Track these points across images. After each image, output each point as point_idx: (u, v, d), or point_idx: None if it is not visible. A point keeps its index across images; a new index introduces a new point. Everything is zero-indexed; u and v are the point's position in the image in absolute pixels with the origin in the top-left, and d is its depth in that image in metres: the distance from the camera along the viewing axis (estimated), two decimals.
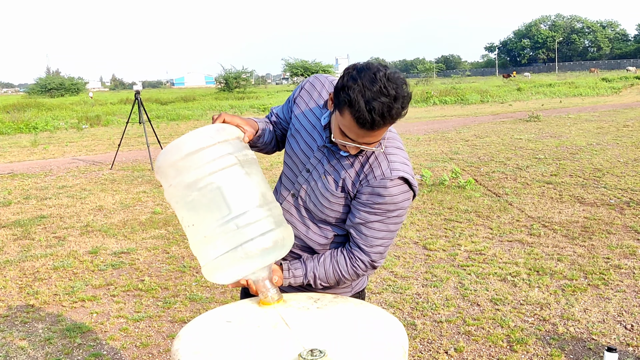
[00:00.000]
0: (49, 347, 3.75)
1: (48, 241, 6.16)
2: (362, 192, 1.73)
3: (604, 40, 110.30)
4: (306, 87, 1.87)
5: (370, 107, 1.51)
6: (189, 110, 26.88)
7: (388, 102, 1.51)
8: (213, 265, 1.62)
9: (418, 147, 12.41)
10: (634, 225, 5.93)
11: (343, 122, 1.59)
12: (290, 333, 1.51)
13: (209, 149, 1.59)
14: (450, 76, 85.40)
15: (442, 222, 6.40)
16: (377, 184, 1.70)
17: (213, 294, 4.56)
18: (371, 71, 1.54)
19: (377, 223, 1.74)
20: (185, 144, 1.60)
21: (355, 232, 1.77)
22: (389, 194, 1.70)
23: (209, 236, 1.60)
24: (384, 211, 1.72)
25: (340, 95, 1.57)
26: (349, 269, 1.80)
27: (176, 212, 1.71)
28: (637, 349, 3.47)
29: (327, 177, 1.77)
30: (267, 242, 1.61)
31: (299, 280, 1.81)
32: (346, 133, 1.61)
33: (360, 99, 1.51)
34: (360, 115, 1.53)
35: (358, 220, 1.75)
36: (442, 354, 3.50)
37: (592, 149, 11.13)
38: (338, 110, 1.60)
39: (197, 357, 1.40)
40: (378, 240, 1.76)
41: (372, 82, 1.52)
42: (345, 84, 1.55)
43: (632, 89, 32.75)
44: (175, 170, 1.61)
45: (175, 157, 1.60)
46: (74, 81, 56.85)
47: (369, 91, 1.51)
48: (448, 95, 30.31)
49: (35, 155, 13.60)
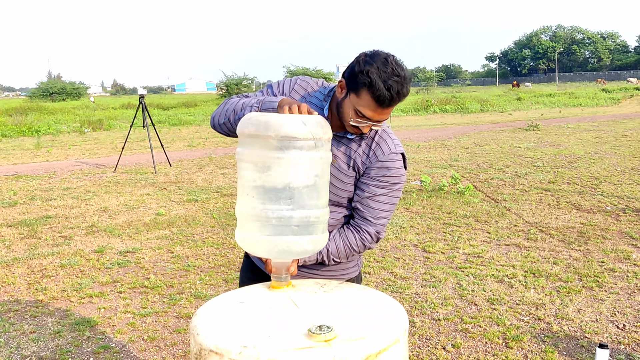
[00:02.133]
0: (59, 339, 3.87)
1: (54, 240, 6.28)
2: (372, 167, 1.95)
3: (605, 51, 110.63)
4: (296, 88, 2.03)
5: (388, 86, 1.74)
6: (191, 115, 27.04)
7: (400, 81, 1.76)
8: (251, 239, 1.73)
9: (418, 154, 12.55)
10: (629, 231, 6.05)
11: (361, 102, 1.80)
12: (300, 312, 1.63)
13: (303, 142, 1.65)
14: (451, 85, 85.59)
15: (441, 226, 6.52)
16: (385, 159, 1.94)
17: (218, 291, 4.68)
18: (382, 56, 1.78)
19: (383, 196, 1.97)
20: (285, 126, 1.63)
21: (363, 206, 1.98)
22: (394, 167, 1.95)
23: (262, 216, 1.67)
24: (390, 184, 1.96)
25: (358, 78, 1.77)
26: (358, 241, 2.00)
27: (239, 173, 1.74)
28: (628, 346, 3.59)
29: (338, 160, 1.96)
30: (309, 245, 1.74)
31: (313, 257, 1.97)
32: (363, 112, 1.81)
33: (377, 79, 1.74)
34: (380, 94, 1.75)
35: (367, 194, 1.96)
36: (440, 349, 3.62)
37: (590, 158, 11.27)
38: (354, 93, 1.80)
39: (214, 331, 1.52)
40: (383, 212, 1.99)
41: (385, 65, 1.76)
42: (362, 69, 1.77)
43: (632, 100, 32.93)
44: (262, 142, 1.65)
45: (270, 132, 1.63)
46: (75, 86, 56.86)
47: (384, 73, 1.74)
48: (448, 103, 30.50)
49: (38, 157, 13.73)
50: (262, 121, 1.66)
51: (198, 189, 9.06)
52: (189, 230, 6.57)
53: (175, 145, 15.68)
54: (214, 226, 6.74)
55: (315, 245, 1.77)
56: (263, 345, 1.42)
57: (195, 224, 6.87)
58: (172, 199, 8.37)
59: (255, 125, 1.67)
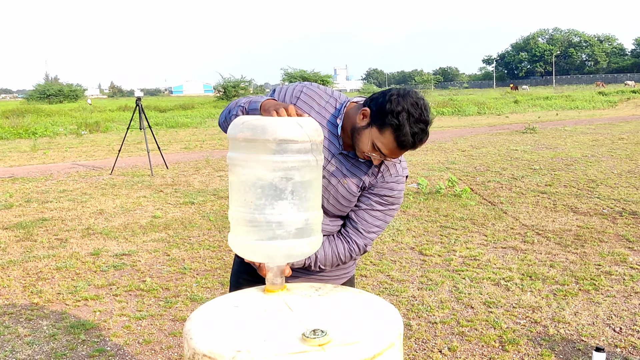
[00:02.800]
0: (54, 342, 3.85)
1: (50, 243, 6.26)
2: (376, 186, 1.97)
3: (601, 54, 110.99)
4: (302, 97, 1.96)
5: (413, 132, 1.73)
6: (188, 117, 27.03)
7: (426, 129, 1.75)
8: (246, 244, 1.72)
9: (415, 156, 12.55)
10: (626, 234, 6.06)
11: (382, 140, 1.78)
12: (294, 316, 1.62)
13: (301, 145, 1.64)
14: (448, 88, 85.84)
15: (438, 228, 6.52)
16: (391, 180, 1.98)
17: (214, 294, 4.66)
18: (412, 99, 1.74)
19: (379, 212, 1.99)
20: (282, 130, 1.62)
21: (357, 217, 1.99)
22: (397, 189, 1.99)
23: (256, 220, 1.66)
24: (389, 203, 1.99)
25: (387, 118, 1.74)
26: (346, 252, 2.00)
27: (232, 178, 1.73)
28: (624, 350, 3.58)
29: (348, 180, 1.96)
30: (306, 247, 1.74)
31: (301, 261, 1.97)
32: (381, 149, 1.80)
33: (406, 124, 1.72)
34: (405, 139, 1.74)
35: (365, 207, 1.98)
36: (436, 352, 3.61)
37: (586, 161, 11.29)
38: (377, 128, 1.78)
39: (207, 335, 1.51)
40: (375, 228, 2.00)
41: (415, 108, 1.73)
42: (393, 109, 1.73)
43: (629, 103, 33.02)
44: (258, 146, 1.63)
45: (268, 136, 1.61)
46: (72, 88, 56.81)
47: (412, 117, 1.72)
48: (445, 106, 30.52)
49: (35, 160, 13.70)
50: (258, 125, 1.64)
51: (195, 192, 9.05)
52: (186, 233, 6.56)
53: (172, 148, 15.67)
54: (211, 229, 6.72)
55: (313, 247, 1.77)
56: (257, 349, 1.41)
57: (192, 226, 6.86)
58: (168, 201, 8.36)
59: (251, 129, 1.64)
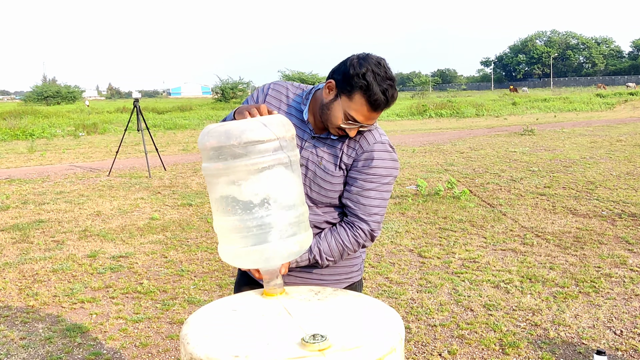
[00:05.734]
0: (50, 346, 3.81)
1: (47, 245, 6.22)
2: (358, 160, 1.90)
3: (599, 56, 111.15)
4: (271, 93, 2.00)
5: (383, 89, 1.72)
6: (186, 119, 26.98)
7: (394, 85, 1.74)
8: (236, 253, 1.68)
9: (414, 158, 12.52)
10: (625, 236, 6.03)
11: (353, 106, 1.76)
12: (293, 321, 1.59)
13: (268, 144, 1.59)
14: (446, 90, 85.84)
15: (437, 231, 6.49)
16: (370, 149, 1.89)
17: (211, 297, 4.63)
18: (374, 59, 1.75)
19: (372, 191, 1.91)
20: (246, 132, 1.57)
21: (353, 203, 1.92)
22: (380, 157, 1.90)
23: (242, 227, 1.62)
24: (378, 177, 1.90)
25: (353, 81, 1.74)
26: (351, 238, 1.93)
27: (210, 189, 1.69)
28: (626, 353, 3.55)
29: (324, 162, 1.92)
30: (295, 246, 1.69)
31: (305, 257, 1.91)
32: (354, 116, 1.78)
33: (374, 83, 1.72)
34: (377, 98, 1.73)
35: (355, 189, 1.91)
36: (436, 356, 3.58)
37: (585, 163, 11.27)
38: (347, 96, 1.77)
39: (205, 340, 1.48)
40: (375, 209, 1.92)
41: (379, 67, 1.73)
42: (358, 71, 1.73)
43: (626, 105, 33.04)
44: (226, 152, 1.58)
45: (232, 141, 1.57)
46: (70, 89, 56.71)
47: (379, 76, 1.72)
48: (444, 108, 30.52)
49: (32, 161, 13.66)
50: (222, 131, 1.60)
51: (192, 193, 9.01)
52: (183, 235, 6.52)
53: (170, 149, 15.63)
54: (208, 231, 6.68)
55: (301, 246, 1.73)
56: (255, 355, 1.37)
57: (190, 228, 6.82)
58: (166, 203, 8.32)
59: (215, 136, 1.60)
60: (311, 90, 1.97)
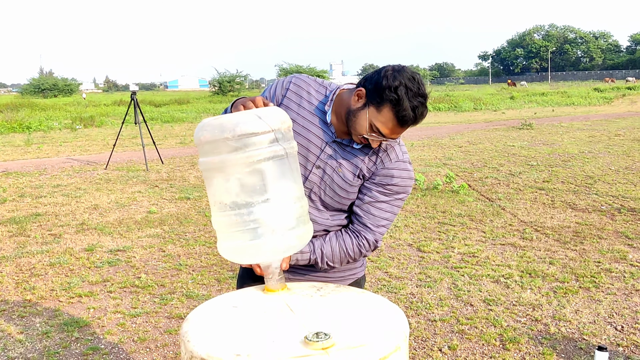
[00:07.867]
0: (47, 340, 3.78)
1: (44, 238, 6.18)
2: (377, 174, 1.87)
3: (597, 50, 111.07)
4: (292, 88, 1.92)
5: (413, 106, 1.67)
6: (183, 112, 26.87)
7: (424, 102, 1.68)
8: (234, 248, 1.65)
9: (412, 152, 12.49)
10: (625, 231, 6.02)
11: (380, 118, 1.72)
12: (295, 318, 1.56)
13: (262, 136, 1.56)
14: (444, 84, 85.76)
15: (436, 225, 6.47)
16: (392, 166, 1.86)
17: (210, 291, 4.60)
18: (408, 73, 1.68)
19: (385, 204, 1.88)
20: (240, 124, 1.55)
21: (363, 212, 1.89)
22: (399, 176, 1.87)
23: (239, 222, 1.60)
24: (394, 192, 1.88)
25: (384, 94, 1.68)
26: (355, 247, 1.90)
27: (207, 183, 1.66)
28: (627, 349, 3.54)
29: (343, 169, 1.87)
30: (294, 240, 1.66)
31: (306, 257, 1.88)
32: (379, 128, 1.73)
33: (405, 98, 1.66)
34: (405, 114, 1.68)
35: (368, 199, 1.88)
36: (436, 351, 3.56)
37: (584, 157, 11.25)
38: (375, 107, 1.71)
39: (206, 338, 1.45)
40: (384, 221, 1.90)
41: (412, 82, 1.67)
42: (390, 84, 1.67)
43: (624, 99, 33.03)
44: (221, 146, 1.56)
45: (226, 134, 1.54)
46: (67, 82, 56.55)
47: (411, 92, 1.66)
48: (442, 102, 30.45)
49: (29, 154, 13.59)
50: (215, 125, 1.57)
51: (190, 187, 8.97)
52: (181, 229, 6.49)
53: (167, 143, 15.57)
54: (206, 224, 6.65)
55: (301, 239, 1.70)
56: (257, 353, 1.35)
57: (187, 222, 6.78)
58: (163, 196, 8.28)
59: (209, 130, 1.58)
60: (335, 90, 1.90)
